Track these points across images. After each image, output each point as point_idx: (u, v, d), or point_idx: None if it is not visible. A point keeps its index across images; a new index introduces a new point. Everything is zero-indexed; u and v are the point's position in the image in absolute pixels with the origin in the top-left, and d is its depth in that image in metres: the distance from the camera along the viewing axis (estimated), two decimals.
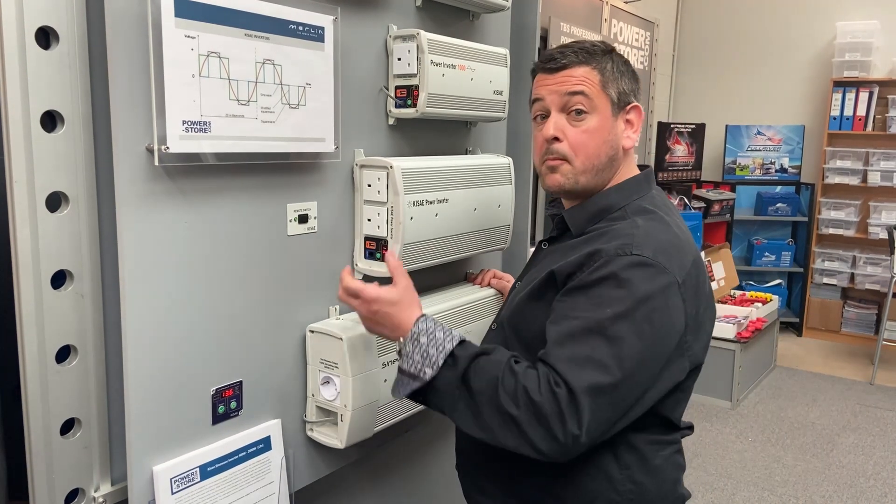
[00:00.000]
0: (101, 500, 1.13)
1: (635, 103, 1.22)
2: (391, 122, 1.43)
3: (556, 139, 1.16)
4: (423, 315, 1.14)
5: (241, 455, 1.21)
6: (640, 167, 1.26)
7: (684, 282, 1.07)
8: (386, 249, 1.35)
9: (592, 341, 1.02)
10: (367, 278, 1.40)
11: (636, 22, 4.48)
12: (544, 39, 3.58)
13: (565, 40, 3.70)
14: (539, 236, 3.77)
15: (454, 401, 1.06)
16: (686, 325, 1.07)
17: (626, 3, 4.38)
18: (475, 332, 1.54)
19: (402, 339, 1.12)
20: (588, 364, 1.00)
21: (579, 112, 1.16)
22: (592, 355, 1.01)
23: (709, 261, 4.61)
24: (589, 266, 1.07)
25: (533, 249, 1.36)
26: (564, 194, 1.22)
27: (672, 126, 5.12)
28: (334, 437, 1.30)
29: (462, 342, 1.10)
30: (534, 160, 1.24)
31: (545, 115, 1.20)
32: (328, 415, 1.32)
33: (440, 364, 1.07)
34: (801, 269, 5.39)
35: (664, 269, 1.06)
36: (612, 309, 1.02)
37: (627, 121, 1.21)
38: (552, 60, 1.19)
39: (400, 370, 1.10)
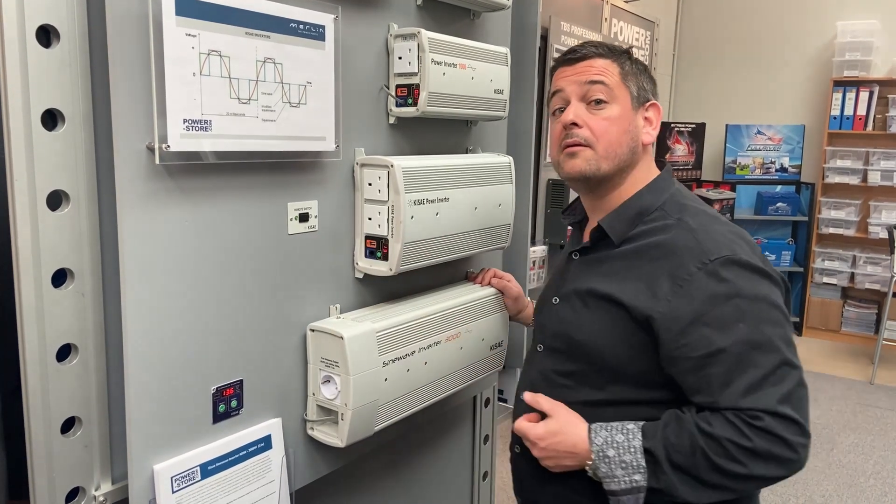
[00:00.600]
0: (101, 498, 1.13)
1: (654, 101, 1.22)
2: (392, 120, 1.43)
3: (576, 125, 1.16)
4: (589, 427, 1.13)
5: (241, 454, 1.21)
6: (656, 162, 1.26)
7: (760, 258, 1.10)
8: (387, 248, 1.35)
9: (754, 360, 1.03)
10: (369, 277, 1.40)
11: (636, 21, 4.47)
12: (545, 38, 3.58)
13: (566, 39, 3.70)
14: (539, 236, 3.76)
15: (676, 486, 1.05)
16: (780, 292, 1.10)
17: (626, 2, 4.38)
18: (476, 331, 1.54)
19: (589, 463, 1.11)
20: (766, 383, 1.02)
21: (599, 101, 1.17)
22: (763, 373, 1.03)
23: None
24: (673, 296, 1.07)
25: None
26: (584, 182, 1.20)
27: (672, 125, 5.12)
28: (335, 436, 1.30)
29: (643, 432, 1.08)
30: (550, 153, 1.24)
31: (564, 108, 1.20)
32: (329, 414, 1.32)
33: (644, 464, 1.06)
34: (801, 269, 5.39)
35: (746, 256, 1.08)
36: (743, 322, 1.04)
37: (646, 118, 1.21)
38: (573, 52, 1.21)
39: (612, 493, 1.09)
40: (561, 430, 1.15)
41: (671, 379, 1.11)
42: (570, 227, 1.38)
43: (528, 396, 1.22)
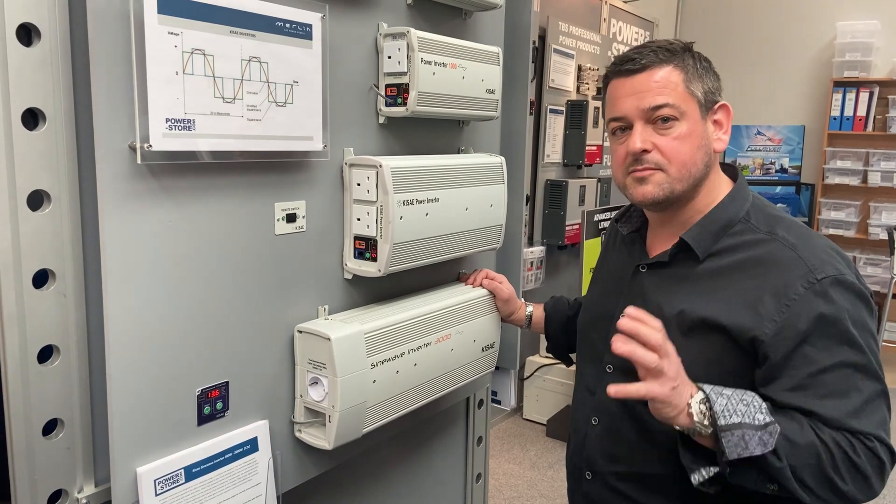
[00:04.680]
0: (84, 501, 1.12)
1: (722, 102, 1.14)
2: (381, 120, 1.42)
3: (646, 151, 1.08)
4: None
5: (227, 456, 1.20)
6: (722, 166, 1.20)
7: (856, 274, 1.08)
8: (376, 249, 1.34)
9: (857, 384, 1.03)
10: (358, 278, 1.39)
11: (635, 22, 4.46)
12: (543, 39, 3.57)
13: (564, 40, 3.69)
14: (538, 236, 3.75)
15: (787, 465, 0.99)
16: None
17: (625, 2, 4.37)
18: (467, 333, 1.53)
19: (692, 403, 0.99)
20: (867, 406, 1.02)
21: (666, 119, 1.08)
22: (866, 396, 1.03)
23: None
24: (780, 315, 1.03)
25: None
26: (656, 206, 1.14)
27: None
28: (322, 439, 1.29)
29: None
30: (615, 176, 1.16)
31: (626, 128, 1.11)
32: (316, 416, 1.31)
33: (766, 406, 0.99)
34: None
35: (850, 276, 1.06)
36: (847, 345, 1.03)
37: (716, 121, 1.13)
38: (629, 61, 1.10)
39: (733, 427, 0.96)
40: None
41: (765, 397, 1.07)
42: (617, 232, 1.32)
43: (629, 315, 1.02)
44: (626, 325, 0.98)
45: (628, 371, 1.17)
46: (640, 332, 0.98)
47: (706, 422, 0.98)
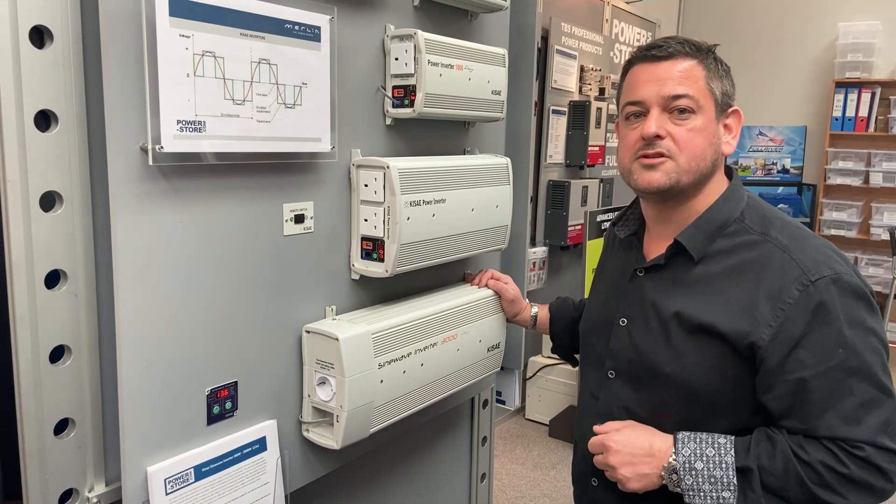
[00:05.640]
0: (95, 500, 1.13)
1: (736, 107, 1.15)
2: (388, 122, 1.43)
3: (659, 137, 1.09)
4: (676, 436, 1.08)
5: (236, 456, 1.20)
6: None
7: (854, 272, 1.06)
8: (383, 250, 1.34)
9: (851, 387, 1.01)
10: (365, 278, 1.40)
11: (637, 22, 4.47)
12: (545, 40, 3.57)
13: (566, 41, 3.69)
14: (540, 237, 3.76)
15: None
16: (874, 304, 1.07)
17: (627, 3, 4.37)
18: (473, 333, 1.54)
19: (665, 466, 1.07)
20: (863, 411, 1.00)
21: (682, 111, 1.09)
22: (861, 401, 1.01)
23: None
24: (775, 320, 1.03)
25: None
26: (658, 195, 1.14)
27: None
28: (330, 438, 1.30)
29: (735, 448, 1.05)
30: (621, 160, 1.16)
31: (641, 114, 1.12)
32: (324, 415, 1.31)
33: (735, 482, 1.02)
34: None
35: (847, 275, 1.04)
36: (843, 348, 1.01)
37: (726, 125, 1.14)
38: (657, 48, 1.11)
39: None
40: (638, 426, 1.13)
41: (762, 404, 1.08)
42: (614, 235, 1.32)
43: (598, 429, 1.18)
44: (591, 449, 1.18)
45: (629, 376, 1.19)
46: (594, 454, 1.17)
47: (678, 490, 1.07)
